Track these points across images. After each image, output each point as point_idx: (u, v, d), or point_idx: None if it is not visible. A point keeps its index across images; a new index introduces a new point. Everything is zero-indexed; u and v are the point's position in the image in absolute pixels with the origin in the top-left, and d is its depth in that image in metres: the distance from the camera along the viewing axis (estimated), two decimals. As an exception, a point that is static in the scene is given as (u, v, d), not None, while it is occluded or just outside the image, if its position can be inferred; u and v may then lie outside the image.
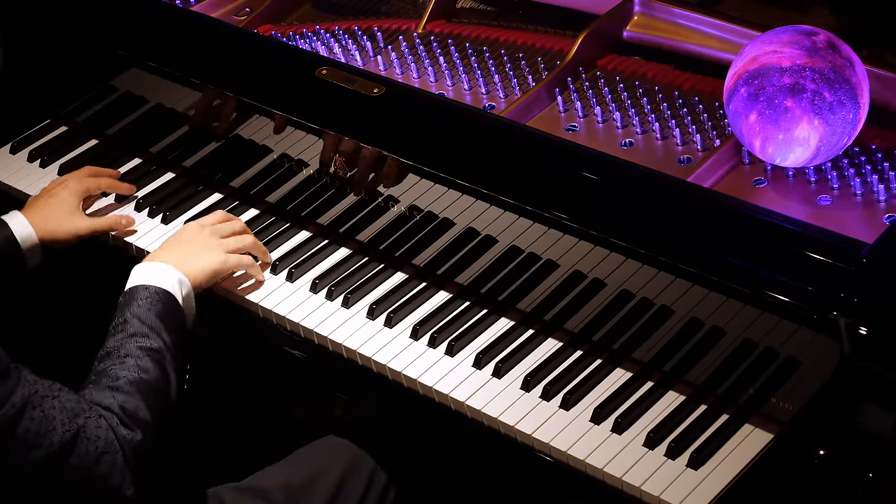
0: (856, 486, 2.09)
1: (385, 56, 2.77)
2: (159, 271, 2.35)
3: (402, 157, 2.46)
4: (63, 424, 2.04)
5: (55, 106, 2.99)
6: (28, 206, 2.64)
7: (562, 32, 2.74)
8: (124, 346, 2.22)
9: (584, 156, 2.38)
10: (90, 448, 2.06)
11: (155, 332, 2.25)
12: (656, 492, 2.13)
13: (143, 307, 2.28)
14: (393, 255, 2.56)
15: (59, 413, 2.04)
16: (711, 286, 2.18)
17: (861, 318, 2.03)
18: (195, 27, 2.81)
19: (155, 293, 2.30)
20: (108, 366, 2.20)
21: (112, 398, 2.14)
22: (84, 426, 2.06)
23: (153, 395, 2.17)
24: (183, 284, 2.35)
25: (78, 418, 2.06)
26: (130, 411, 2.13)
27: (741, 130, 2.34)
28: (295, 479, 2.42)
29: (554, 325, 2.40)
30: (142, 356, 2.20)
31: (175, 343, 2.26)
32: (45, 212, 2.61)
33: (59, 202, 2.63)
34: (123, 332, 2.24)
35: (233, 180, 2.76)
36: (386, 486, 2.46)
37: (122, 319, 2.27)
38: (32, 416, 2.02)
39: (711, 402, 2.25)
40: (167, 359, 2.23)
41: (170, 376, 2.22)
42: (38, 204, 2.64)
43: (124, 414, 2.12)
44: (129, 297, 2.31)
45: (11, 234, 2.56)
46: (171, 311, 2.30)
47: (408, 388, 2.37)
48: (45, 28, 2.93)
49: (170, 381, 2.22)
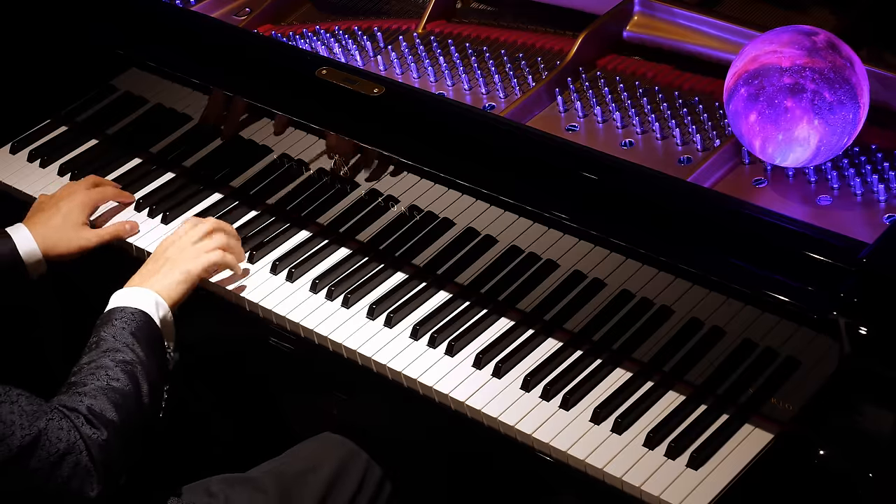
0: (856, 486, 2.09)
1: (385, 56, 2.77)
2: (135, 294, 2.36)
3: (402, 157, 2.46)
4: (23, 428, 2.05)
5: (55, 106, 2.99)
6: (32, 219, 2.63)
7: (562, 32, 2.74)
8: (96, 361, 2.24)
9: (584, 156, 2.38)
10: (52, 450, 2.07)
11: (128, 347, 2.26)
12: (656, 492, 2.13)
13: (116, 326, 2.29)
14: (393, 255, 2.56)
15: (18, 417, 2.05)
16: (711, 286, 2.18)
17: (861, 318, 2.03)
18: (195, 27, 2.81)
19: (130, 313, 2.31)
20: (78, 378, 2.22)
21: (79, 401, 2.16)
22: (45, 429, 2.07)
23: (121, 401, 2.18)
24: (160, 306, 2.36)
25: (39, 421, 2.07)
26: (97, 412, 2.15)
27: (741, 130, 2.34)
28: (288, 472, 2.42)
29: (554, 325, 2.40)
30: (112, 367, 2.22)
31: (149, 358, 2.27)
32: (50, 227, 2.60)
33: (65, 217, 2.62)
34: (97, 350, 2.26)
35: (233, 180, 2.76)
36: (380, 482, 2.46)
37: (97, 338, 2.28)
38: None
39: (711, 402, 2.25)
40: (139, 370, 2.24)
41: (141, 387, 2.23)
42: (43, 218, 2.62)
43: (90, 414, 2.14)
44: (104, 318, 2.33)
45: (15, 249, 2.56)
46: (147, 331, 2.31)
47: (408, 388, 2.37)
48: (45, 28, 2.93)
49: (140, 391, 2.22)
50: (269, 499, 2.37)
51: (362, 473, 2.45)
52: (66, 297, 3.04)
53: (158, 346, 2.32)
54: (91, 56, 2.89)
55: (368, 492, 2.45)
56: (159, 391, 2.29)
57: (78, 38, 2.89)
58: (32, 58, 2.98)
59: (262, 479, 2.40)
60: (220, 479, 2.39)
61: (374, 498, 2.46)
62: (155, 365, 2.28)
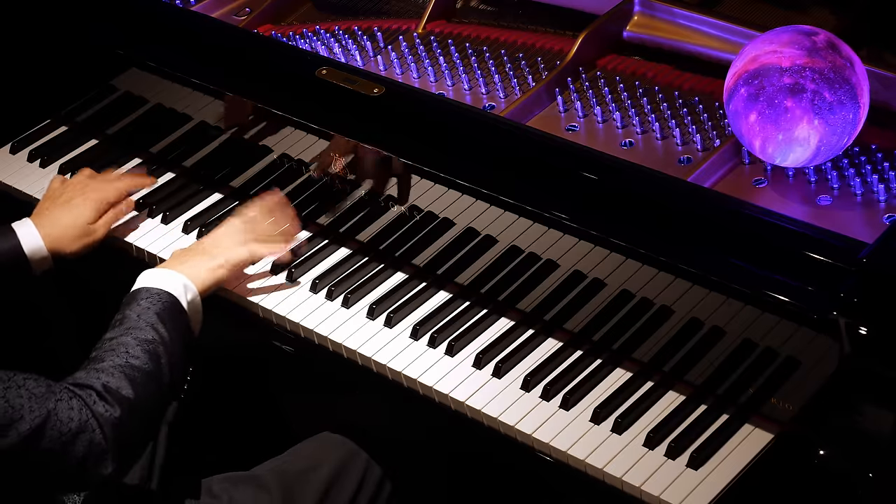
0: (856, 486, 2.09)
1: (385, 56, 2.77)
2: (164, 276, 2.36)
3: (402, 157, 2.46)
4: (31, 411, 2.04)
5: (55, 106, 2.99)
6: (42, 214, 2.60)
7: (562, 32, 2.74)
8: (117, 338, 2.23)
9: (584, 156, 2.38)
10: (63, 429, 2.06)
11: (151, 326, 2.25)
12: (656, 492, 2.13)
13: (142, 306, 2.29)
14: (393, 255, 2.56)
15: (26, 401, 2.04)
16: (711, 286, 2.18)
17: (861, 318, 2.03)
18: (195, 27, 2.81)
19: (156, 294, 2.31)
20: (97, 353, 2.22)
21: (95, 377, 2.15)
22: (55, 409, 2.06)
23: (139, 378, 2.18)
24: (188, 289, 2.35)
25: (48, 402, 2.06)
26: (112, 388, 2.14)
27: (741, 130, 2.34)
28: (290, 470, 2.42)
29: (554, 325, 2.40)
30: (133, 345, 2.22)
31: (172, 339, 2.27)
32: (60, 223, 2.57)
33: (76, 216, 2.59)
34: (120, 327, 2.26)
35: (233, 180, 2.76)
36: (380, 482, 2.46)
37: (121, 316, 2.28)
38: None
39: (711, 402, 2.25)
40: (160, 350, 2.23)
41: (162, 366, 2.22)
42: (52, 212, 2.59)
43: (105, 391, 2.13)
44: (130, 297, 2.33)
45: (18, 244, 2.53)
46: (172, 313, 2.30)
47: (408, 387, 2.38)
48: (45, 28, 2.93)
49: (161, 369, 2.22)
50: (272, 498, 2.37)
51: (362, 473, 2.45)
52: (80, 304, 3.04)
53: (184, 328, 2.31)
54: (91, 56, 2.89)
55: (368, 491, 2.45)
56: (181, 372, 2.28)
57: (78, 38, 2.89)
58: (32, 58, 2.98)
59: (264, 478, 2.40)
60: (221, 479, 2.39)
61: (373, 497, 2.46)
62: (179, 346, 2.28)
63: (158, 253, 2.65)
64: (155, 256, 2.65)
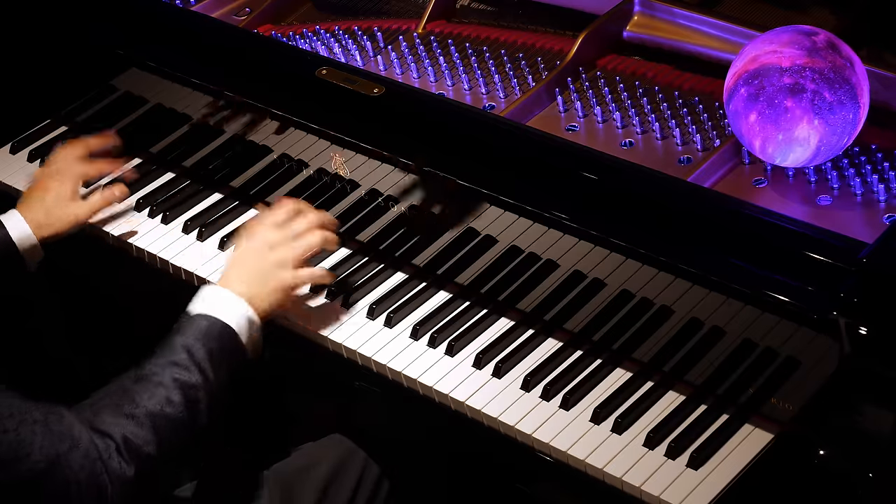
0: (856, 486, 2.09)
1: (385, 56, 2.77)
2: (229, 303, 2.24)
3: (402, 157, 2.46)
4: (40, 451, 1.95)
5: (55, 106, 2.99)
6: (24, 202, 2.60)
7: (562, 32, 2.74)
8: (160, 374, 2.13)
9: (584, 156, 2.38)
10: (70, 478, 1.98)
11: (198, 368, 2.14)
12: (656, 492, 2.13)
13: (198, 340, 2.17)
14: (393, 255, 2.56)
15: (39, 438, 1.95)
16: (711, 286, 2.18)
17: (861, 318, 2.03)
18: (195, 27, 2.81)
19: (216, 327, 2.20)
20: (136, 389, 2.11)
21: (121, 426, 2.06)
22: (66, 454, 1.98)
23: (169, 431, 2.09)
24: (252, 324, 2.25)
25: (62, 444, 1.98)
26: (133, 444, 2.05)
27: (741, 130, 2.34)
28: (287, 470, 2.42)
29: (554, 325, 2.40)
30: (174, 389, 2.11)
31: (217, 378, 2.17)
32: (42, 207, 2.57)
33: (56, 195, 2.59)
34: (165, 359, 2.15)
35: (233, 180, 2.76)
36: (378, 481, 2.46)
37: (171, 345, 2.17)
38: (1, 441, 1.93)
39: (711, 402, 2.25)
40: (201, 396, 2.13)
41: (198, 412, 2.13)
42: (33, 199, 2.59)
43: (125, 444, 2.04)
44: (186, 323, 2.21)
45: (7, 235, 2.52)
46: (228, 350, 2.20)
47: (408, 388, 2.38)
48: (45, 28, 2.93)
49: (196, 419, 2.13)
50: (270, 496, 2.37)
51: (360, 472, 2.45)
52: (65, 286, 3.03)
53: (236, 366, 2.21)
54: (91, 56, 2.89)
55: (366, 490, 2.45)
56: (218, 407, 2.19)
57: (78, 38, 2.89)
58: (32, 58, 2.98)
59: (262, 477, 2.40)
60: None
61: (371, 496, 2.46)
62: (225, 385, 2.18)
63: (158, 253, 2.65)
64: (155, 256, 2.65)
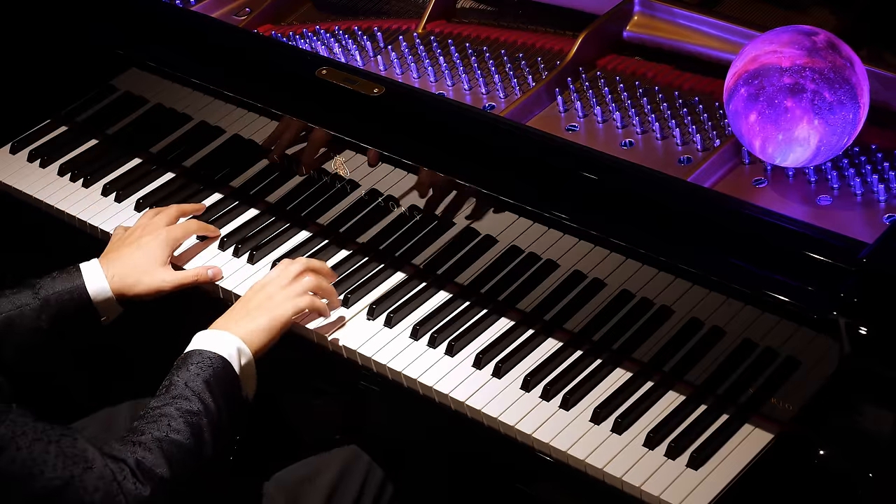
0: (856, 486, 2.09)
1: (385, 56, 2.77)
2: (218, 338, 2.26)
3: (402, 157, 2.46)
4: (54, 469, 1.97)
5: (55, 106, 2.99)
6: (110, 255, 2.50)
7: (562, 32, 2.74)
8: (162, 408, 2.15)
9: (584, 156, 2.38)
10: (85, 499, 1.99)
11: (196, 396, 2.17)
12: (656, 492, 2.13)
13: (191, 372, 2.20)
14: (393, 255, 2.56)
15: (53, 457, 1.97)
16: (711, 286, 2.18)
17: (861, 318, 2.03)
18: (195, 27, 2.81)
19: (208, 359, 2.22)
20: (139, 423, 2.14)
21: (130, 451, 2.07)
22: (81, 476, 1.99)
23: (177, 455, 2.10)
24: (242, 354, 2.26)
25: (76, 466, 1.99)
26: (146, 466, 2.06)
27: (741, 130, 2.34)
28: (292, 478, 2.42)
29: (554, 325, 2.40)
30: (176, 417, 2.14)
31: (219, 408, 2.18)
32: (129, 265, 2.47)
33: (146, 255, 2.49)
34: (166, 395, 2.18)
35: (233, 180, 2.76)
36: (382, 485, 2.46)
37: (168, 383, 2.20)
38: (14, 458, 1.95)
39: (711, 402, 2.25)
40: (204, 423, 2.15)
41: (203, 440, 2.14)
42: (120, 254, 2.49)
43: (138, 468, 2.05)
44: (181, 361, 2.24)
45: (83, 286, 2.42)
46: (223, 379, 2.22)
47: (408, 388, 2.37)
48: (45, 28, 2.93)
49: (202, 444, 2.14)
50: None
51: (364, 476, 2.44)
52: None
53: (234, 395, 2.23)
54: (91, 56, 2.89)
55: (371, 494, 2.44)
56: (226, 441, 2.20)
57: (78, 38, 2.89)
58: (32, 58, 2.98)
59: (268, 486, 2.39)
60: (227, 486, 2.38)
61: (376, 500, 2.45)
62: (226, 414, 2.19)
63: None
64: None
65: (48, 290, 2.40)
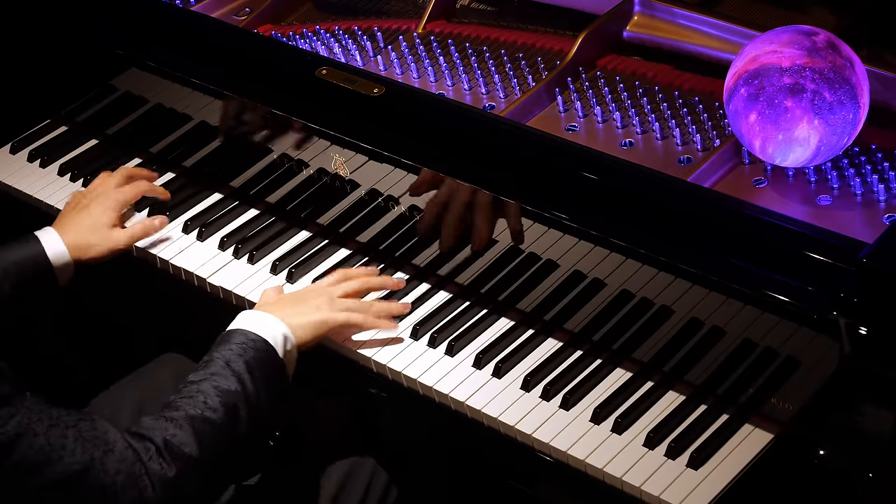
0: (856, 486, 2.09)
1: (385, 56, 2.77)
2: (265, 321, 2.26)
3: (402, 157, 2.46)
4: (72, 454, 1.97)
5: (55, 106, 2.99)
6: (61, 222, 2.55)
7: (562, 32, 2.74)
8: (199, 384, 2.14)
9: (584, 156, 2.38)
10: (106, 481, 1.98)
11: (236, 377, 2.15)
12: (656, 492, 2.13)
13: (234, 351, 2.19)
14: (393, 255, 2.56)
15: (71, 442, 1.97)
16: (711, 286, 2.18)
17: (861, 318, 2.03)
18: (195, 27, 2.81)
19: (252, 340, 2.21)
20: (175, 398, 2.13)
21: (160, 430, 2.06)
22: (101, 458, 1.98)
23: (209, 434, 2.09)
24: (288, 340, 2.26)
25: (96, 449, 1.99)
26: (174, 444, 2.05)
27: (741, 130, 2.34)
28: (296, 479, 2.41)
29: (554, 325, 2.40)
30: (212, 395, 2.12)
31: (258, 391, 2.17)
32: (81, 228, 2.52)
33: (96, 218, 2.55)
34: (205, 370, 2.17)
35: (233, 180, 2.76)
36: (387, 488, 2.46)
37: (209, 358, 2.19)
38: (31, 444, 1.95)
39: (711, 402, 2.25)
40: (241, 403, 2.14)
41: (239, 420, 2.13)
42: (71, 219, 2.55)
43: (165, 447, 2.04)
44: (223, 338, 2.23)
45: (43, 253, 2.47)
46: (265, 362, 2.21)
47: (408, 388, 2.37)
48: (45, 28, 2.93)
49: (237, 425, 2.13)
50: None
51: (368, 479, 2.44)
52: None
53: (274, 380, 2.21)
54: (91, 56, 2.89)
55: (375, 496, 2.44)
56: (263, 424, 2.19)
57: (78, 38, 2.89)
58: (32, 58, 2.98)
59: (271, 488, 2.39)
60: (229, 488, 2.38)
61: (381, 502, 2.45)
62: (265, 398, 2.18)
63: (158, 254, 2.64)
64: (155, 257, 2.65)
65: (7, 258, 2.45)
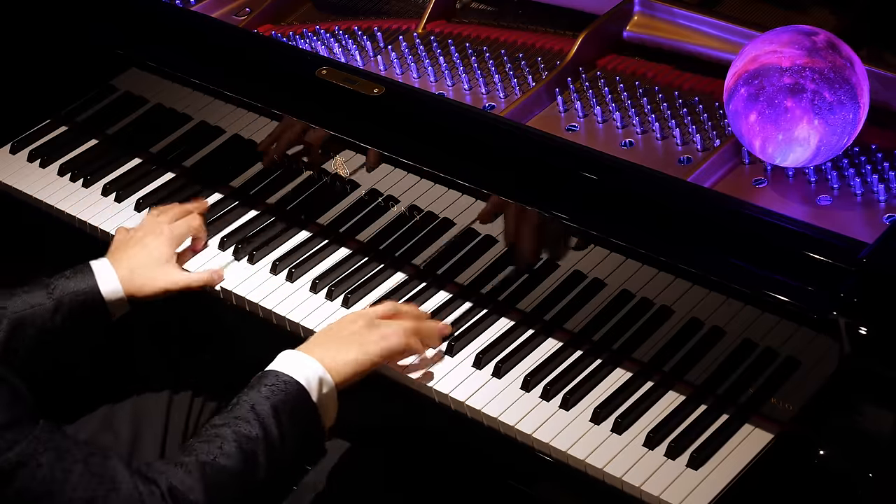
0: (856, 486, 2.09)
1: (385, 56, 2.77)
2: (301, 362, 2.19)
3: (402, 157, 2.46)
4: (75, 490, 1.93)
5: (55, 106, 2.99)
6: (115, 254, 2.48)
7: (562, 32, 2.74)
8: (220, 428, 2.09)
9: (584, 156, 2.38)
10: None
11: (259, 422, 2.09)
12: (656, 492, 2.13)
13: (262, 394, 2.13)
14: (393, 255, 2.56)
15: (76, 477, 1.94)
16: (711, 286, 2.18)
17: (861, 318, 2.03)
18: (195, 27, 2.81)
19: (283, 382, 2.15)
20: (193, 441, 2.09)
21: (168, 474, 2.02)
22: (104, 497, 1.95)
23: (219, 481, 2.04)
24: (324, 383, 2.19)
25: (100, 487, 1.95)
26: (179, 491, 2.00)
27: (741, 130, 2.34)
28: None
29: (554, 325, 2.40)
30: (230, 440, 2.07)
31: (285, 436, 2.11)
32: (136, 264, 2.45)
33: (151, 253, 2.47)
34: (228, 413, 2.12)
35: (233, 180, 2.76)
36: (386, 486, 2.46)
37: (236, 401, 2.14)
38: (34, 475, 1.92)
39: (711, 402, 2.25)
40: (260, 449, 2.08)
41: (257, 466, 2.07)
42: (127, 253, 2.47)
43: (170, 493, 2.00)
44: (257, 378, 2.18)
45: (96, 286, 2.41)
46: (295, 405, 2.14)
47: (407, 387, 2.37)
48: (45, 28, 2.93)
49: (254, 470, 2.07)
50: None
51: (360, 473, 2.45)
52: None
53: (305, 422, 2.15)
54: (91, 56, 2.89)
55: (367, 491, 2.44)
56: (285, 471, 2.14)
57: (78, 38, 2.89)
58: (32, 58, 2.98)
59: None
60: None
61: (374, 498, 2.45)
62: (291, 445, 2.12)
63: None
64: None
65: (62, 290, 2.38)
